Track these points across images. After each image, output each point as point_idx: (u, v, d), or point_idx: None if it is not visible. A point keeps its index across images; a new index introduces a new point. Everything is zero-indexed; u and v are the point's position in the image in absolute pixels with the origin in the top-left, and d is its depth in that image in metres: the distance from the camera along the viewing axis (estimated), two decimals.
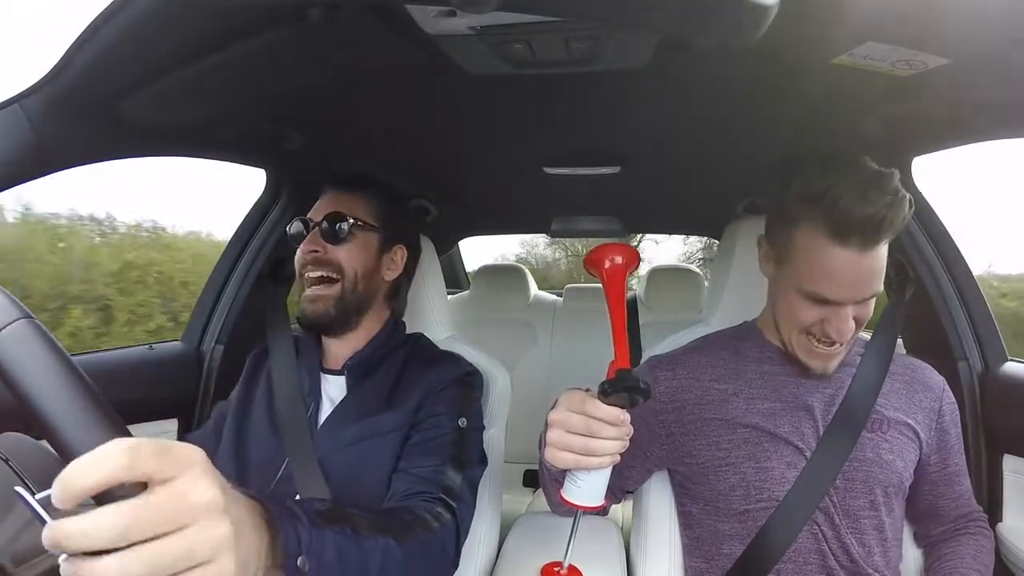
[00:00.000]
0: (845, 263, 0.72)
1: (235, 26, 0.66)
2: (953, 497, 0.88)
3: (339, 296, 0.92)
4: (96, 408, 0.41)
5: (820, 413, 0.83)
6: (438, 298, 1.16)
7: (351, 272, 0.93)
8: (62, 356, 0.42)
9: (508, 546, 1.12)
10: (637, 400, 0.59)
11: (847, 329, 0.76)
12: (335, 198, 0.97)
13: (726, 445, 0.84)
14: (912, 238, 1.16)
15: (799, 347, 0.82)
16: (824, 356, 0.81)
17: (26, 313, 0.42)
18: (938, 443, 0.87)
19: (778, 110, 1.09)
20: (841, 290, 0.74)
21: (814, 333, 0.79)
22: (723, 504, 0.85)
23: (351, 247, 0.94)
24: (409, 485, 0.81)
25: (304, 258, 0.93)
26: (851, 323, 0.76)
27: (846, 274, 0.73)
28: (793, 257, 0.78)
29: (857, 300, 0.75)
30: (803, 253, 0.76)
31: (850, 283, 0.73)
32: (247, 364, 1.03)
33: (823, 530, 0.80)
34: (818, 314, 0.77)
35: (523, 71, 0.86)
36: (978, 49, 0.63)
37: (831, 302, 0.75)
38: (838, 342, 0.78)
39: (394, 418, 0.87)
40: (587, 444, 0.59)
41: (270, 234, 1.39)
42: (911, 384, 0.88)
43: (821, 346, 0.79)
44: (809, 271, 0.75)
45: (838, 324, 0.76)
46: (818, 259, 0.74)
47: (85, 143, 0.82)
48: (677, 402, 0.88)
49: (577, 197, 1.95)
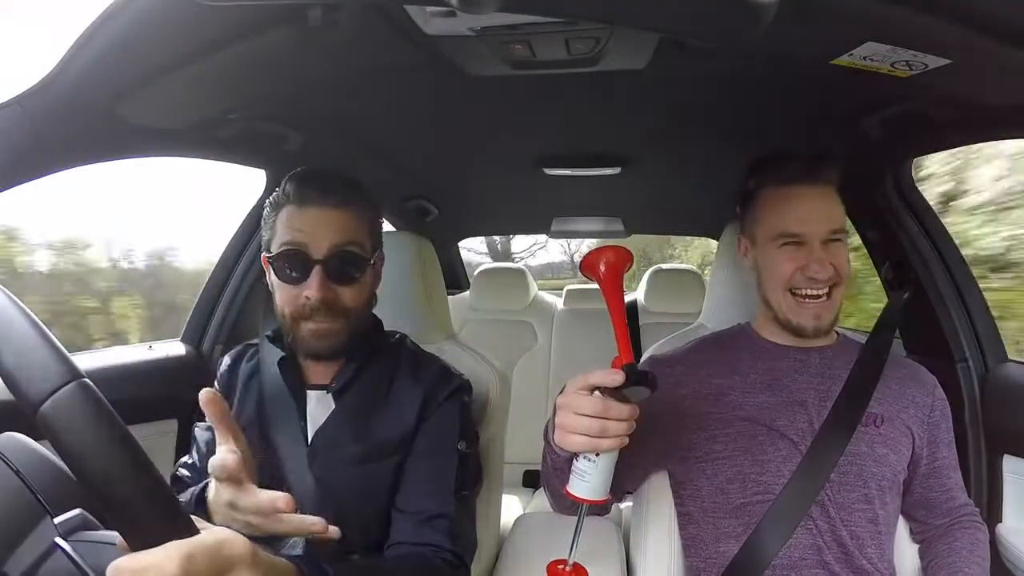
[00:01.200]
0: (800, 197, 0.85)
1: (235, 26, 0.66)
2: (942, 490, 0.90)
3: (347, 331, 0.82)
4: (161, 495, 0.42)
5: (814, 408, 0.85)
6: (438, 298, 1.16)
7: (356, 307, 0.82)
8: (115, 423, 0.41)
9: (508, 546, 1.12)
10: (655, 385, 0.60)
11: (824, 268, 0.82)
12: (331, 218, 0.80)
13: (722, 439, 0.86)
14: (912, 238, 1.16)
15: (788, 309, 0.86)
16: (811, 310, 0.85)
17: (77, 373, 0.42)
18: (928, 438, 0.89)
19: (778, 110, 1.09)
20: (804, 223, 0.84)
21: (798, 285, 0.85)
22: (720, 499, 0.86)
23: (360, 283, 0.82)
24: (417, 530, 0.79)
25: (310, 306, 0.78)
26: (826, 263, 0.83)
27: (804, 209, 0.84)
28: (760, 219, 0.88)
29: (822, 236, 0.83)
30: (767, 208, 0.88)
31: (809, 216, 0.84)
32: (224, 371, 0.94)
33: (818, 524, 0.82)
34: (794, 262, 0.84)
35: (523, 72, 0.86)
36: (978, 49, 0.63)
37: (799, 237, 0.84)
38: (822, 285, 0.84)
39: (394, 440, 0.84)
40: (602, 425, 0.60)
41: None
42: (904, 381, 0.90)
43: (808, 300, 0.85)
44: (775, 218, 0.86)
45: (815, 265, 0.83)
46: (779, 205, 0.86)
47: (85, 143, 0.82)
48: (675, 396, 0.89)
49: (577, 197, 1.95)
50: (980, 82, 0.74)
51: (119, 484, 0.40)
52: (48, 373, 0.41)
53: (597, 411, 0.60)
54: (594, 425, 0.60)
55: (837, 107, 1.00)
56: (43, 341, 0.42)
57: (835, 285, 0.85)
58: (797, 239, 0.84)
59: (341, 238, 0.79)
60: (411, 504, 0.81)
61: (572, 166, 1.51)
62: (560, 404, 0.63)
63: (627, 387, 0.59)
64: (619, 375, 0.59)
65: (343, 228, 0.80)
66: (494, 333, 2.29)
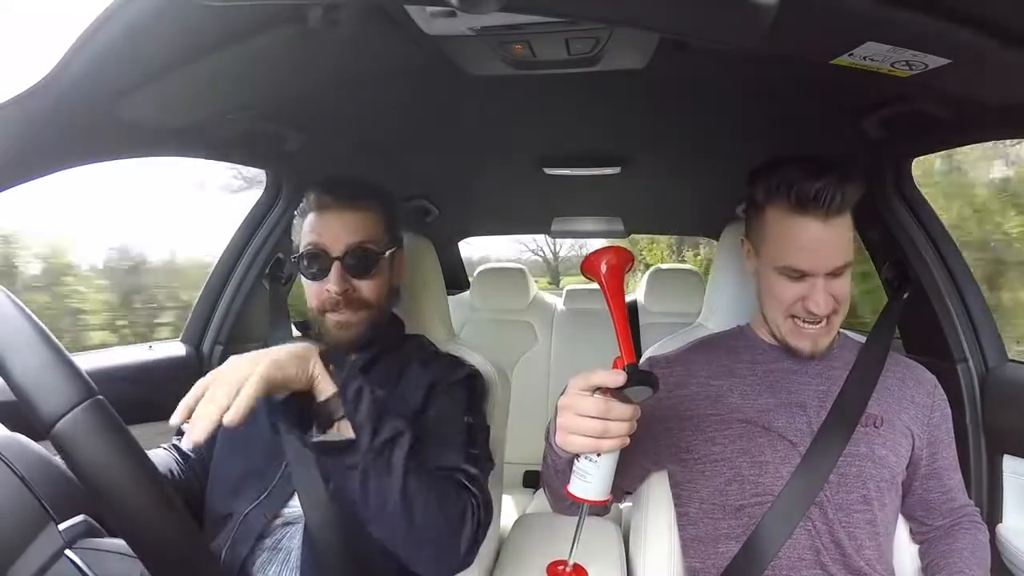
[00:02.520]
0: (809, 232, 0.80)
1: (235, 27, 0.66)
2: (943, 491, 0.89)
3: (368, 321, 0.90)
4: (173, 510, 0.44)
5: (813, 409, 0.85)
6: (438, 298, 1.16)
7: (376, 300, 0.91)
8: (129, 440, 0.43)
9: (508, 546, 1.12)
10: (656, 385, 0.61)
11: (824, 302, 0.81)
12: (347, 219, 0.89)
13: (721, 440, 0.86)
14: (912, 238, 1.16)
15: (786, 331, 0.86)
16: (810, 336, 0.84)
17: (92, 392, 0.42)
18: (929, 439, 0.89)
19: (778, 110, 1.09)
20: (809, 259, 0.80)
21: (797, 314, 0.84)
22: (719, 500, 0.86)
23: (376, 276, 0.90)
24: None
25: (331, 299, 0.87)
26: (828, 297, 0.81)
27: (811, 243, 0.80)
28: (766, 239, 0.85)
29: (827, 271, 0.81)
30: (773, 232, 0.83)
31: (816, 251, 0.80)
32: None
33: (816, 525, 0.81)
34: (795, 291, 0.82)
35: (523, 72, 0.86)
36: (978, 49, 0.63)
37: (803, 273, 0.81)
38: (821, 318, 0.82)
39: (400, 416, 0.85)
40: (603, 426, 0.60)
41: (270, 234, 1.39)
42: (904, 381, 0.90)
43: (806, 325, 0.84)
44: (780, 246, 0.82)
45: (815, 298, 0.81)
46: (785, 233, 0.82)
47: (85, 143, 0.82)
48: (674, 398, 0.89)
49: (577, 197, 1.95)
50: (980, 82, 0.74)
51: (132, 500, 0.41)
52: (63, 392, 0.41)
53: (599, 412, 0.60)
54: (596, 426, 0.60)
55: (837, 107, 1.00)
56: (58, 359, 0.43)
57: (834, 313, 0.83)
58: (800, 273, 0.82)
59: (356, 237, 0.88)
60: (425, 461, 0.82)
61: (572, 166, 1.51)
62: (562, 405, 0.64)
63: (629, 387, 0.59)
64: (621, 375, 0.59)
65: (357, 228, 0.89)
66: (494, 333, 2.29)
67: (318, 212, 0.90)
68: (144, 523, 0.42)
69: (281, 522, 0.85)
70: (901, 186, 1.16)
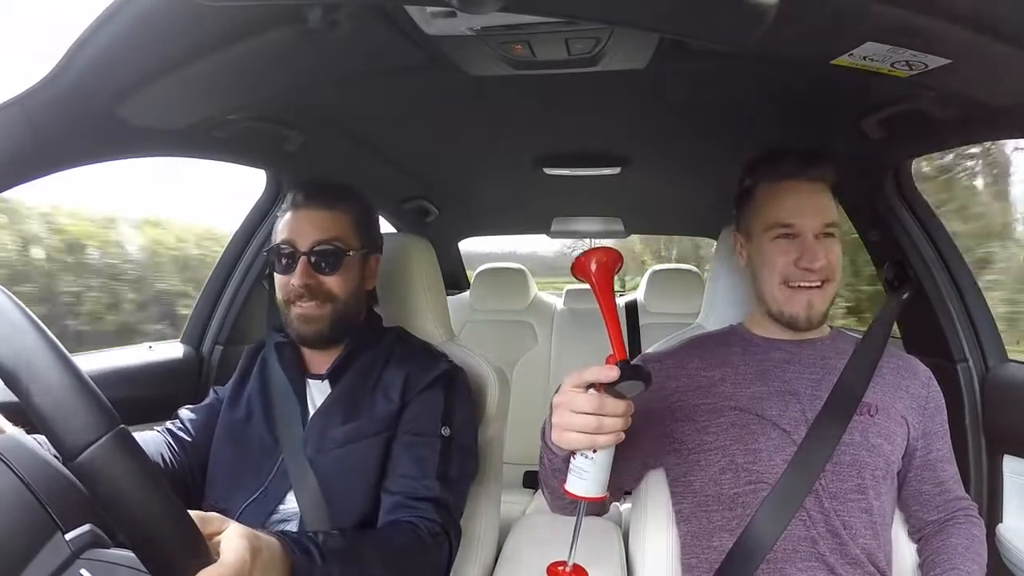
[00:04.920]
0: (795, 192, 0.88)
1: (235, 26, 0.66)
2: (936, 482, 0.90)
3: (332, 317, 0.92)
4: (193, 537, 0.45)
5: (807, 398, 0.86)
6: (438, 299, 1.16)
7: (342, 296, 0.92)
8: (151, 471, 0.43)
9: (508, 547, 1.12)
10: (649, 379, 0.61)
11: (817, 257, 0.84)
12: (316, 218, 0.92)
13: (714, 429, 0.86)
14: (912, 238, 1.16)
15: (782, 300, 0.88)
16: (805, 297, 0.86)
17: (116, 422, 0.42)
18: (923, 429, 0.89)
19: (778, 110, 1.09)
20: (797, 214, 0.86)
21: (791, 277, 0.87)
22: (713, 491, 0.86)
23: (342, 274, 0.92)
24: (402, 508, 0.84)
25: (295, 291, 0.90)
26: (820, 255, 0.84)
27: (797, 200, 0.87)
28: (757, 212, 0.91)
29: (815, 229, 0.85)
30: (762, 202, 0.90)
31: (802, 207, 0.86)
32: (243, 358, 1.03)
33: (812, 514, 0.81)
34: (788, 254, 0.86)
35: (523, 72, 0.86)
36: (978, 49, 0.63)
37: (792, 228, 0.86)
38: (816, 275, 0.85)
39: (378, 420, 0.89)
40: (598, 422, 0.61)
41: (270, 234, 1.39)
42: (899, 371, 0.91)
43: (801, 287, 0.86)
44: (769, 210, 0.89)
45: (808, 253, 0.85)
46: (773, 197, 0.89)
47: (85, 143, 0.82)
48: (665, 390, 0.90)
49: (577, 197, 1.95)
50: (980, 82, 0.74)
51: (155, 528, 0.42)
52: (87, 423, 0.41)
53: (593, 408, 0.61)
54: (590, 422, 0.61)
55: (837, 107, 1.00)
56: (82, 388, 0.42)
57: (828, 280, 0.86)
58: (790, 230, 0.86)
59: (324, 235, 0.91)
60: (396, 486, 0.86)
61: (572, 166, 1.51)
62: (556, 403, 0.64)
63: (621, 382, 0.60)
64: (614, 370, 0.60)
65: (327, 227, 0.92)
66: (494, 333, 2.29)
67: (293, 211, 0.94)
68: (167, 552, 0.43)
69: (277, 519, 0.86)
70: (901, 186, 1.16)
